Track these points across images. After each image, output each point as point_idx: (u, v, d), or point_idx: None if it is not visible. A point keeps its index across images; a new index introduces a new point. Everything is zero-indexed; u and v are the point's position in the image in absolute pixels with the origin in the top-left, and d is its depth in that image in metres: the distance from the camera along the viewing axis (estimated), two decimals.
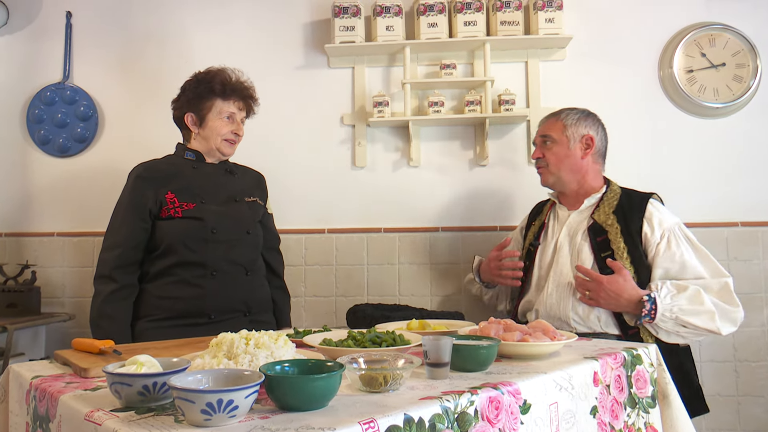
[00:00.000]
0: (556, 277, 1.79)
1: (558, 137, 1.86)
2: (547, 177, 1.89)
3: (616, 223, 1.76)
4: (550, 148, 1.87)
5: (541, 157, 1.89)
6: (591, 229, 1.78)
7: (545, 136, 1.89)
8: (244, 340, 1.06)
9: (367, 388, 0.96)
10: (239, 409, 0.79)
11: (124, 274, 1.73)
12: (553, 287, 1.78)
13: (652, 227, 1.74)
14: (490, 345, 1.13)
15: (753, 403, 2.31)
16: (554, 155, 1.85)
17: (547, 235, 1.89)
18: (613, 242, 1.73)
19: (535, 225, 1.96)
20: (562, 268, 1.78)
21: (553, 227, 1.90)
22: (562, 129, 1.87)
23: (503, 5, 2.35)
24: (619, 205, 1.80)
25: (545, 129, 1.91)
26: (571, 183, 1.87)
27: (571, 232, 1.83)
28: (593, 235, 1.77)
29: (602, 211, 1.80)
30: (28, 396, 1.10)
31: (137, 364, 0.91)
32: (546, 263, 1.84)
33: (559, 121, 1.88)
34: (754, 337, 2.33)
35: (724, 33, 2.37)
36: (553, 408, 1.07)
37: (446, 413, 0.89)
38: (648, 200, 1.80)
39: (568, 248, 1.80)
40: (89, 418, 0.85)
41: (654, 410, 1.31)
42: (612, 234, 1.75)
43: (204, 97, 1.84)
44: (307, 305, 2.44)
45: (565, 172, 1.85)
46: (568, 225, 1.84)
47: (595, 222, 1.79)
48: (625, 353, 1.30)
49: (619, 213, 1.78)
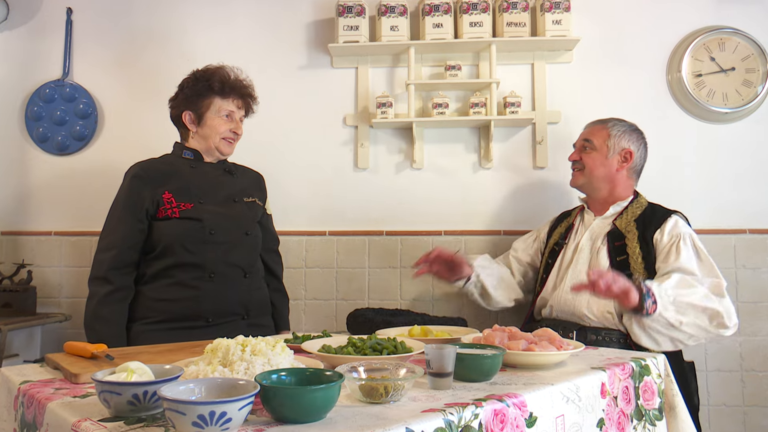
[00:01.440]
0: (573, 276, 1.84)
1: (599, 145, 1.91)
2: (578, 179, 1.94)
3: (635, 230, 1.82)
4: (589, 153, 1.92)
5: (578, 159, 1.94)
6: (610, 234, 1.84)
7: (587, 140, 1.94)
8: (241, 347, 1.02)
9: (367, 399, 0.92)
10: (233, 422, 0.75)
11: (119, 276, 1.69)
12: (569, 285, 1.82)
13: (663, 233, 1.79)
14: (495, 354, 1.09)
15: (760, 413, 2.27)
16: (592, 160, 1.91)
17: (572, 237, 1.95)
18: (629, 247, 1.78)
19: (562, 226, 2.02)
20: (580, 268, 1.84)
21: (578, 230, 1.96)
22: (605, 138, 1.91)
23: (510, 6, 2.32)
24: (642, 214, 1.86)
25: (589, 134, 1.95)
26: (601, 190, 1.93)
27: (593, 236, 1.89)
28: (611, 240, 1.83)
29: (625, 218, 1.87)
30: (16, 402, 1.07)
31: (128, 371, 0.87)
32: (566, 263, 1.90)
33: (605, 130, 1.93)
34: (762, 346, 2.28)
35: (734, 37, 2.33)
36: (559, 420, 1.04)
37: (449, 427, 0.85)
38: (671, 214, 1.84)
39: (588, 251, 1.86)
40: (76, 428, 0.81)
41: (660, 423, 1.27)
42: (629, 239, 1.81)
43: (202, 95, 1.81)
44: (307, 308, 2.41)
45: (597, 179, 1.91)
46: (591, 229, 1.90)
47: (616, 227, 1.85)
48: (633, 363, 1.26)
49: (639, 222, 1.83)
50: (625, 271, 1.74)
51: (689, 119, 2.38)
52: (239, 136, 1.89)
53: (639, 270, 1.74)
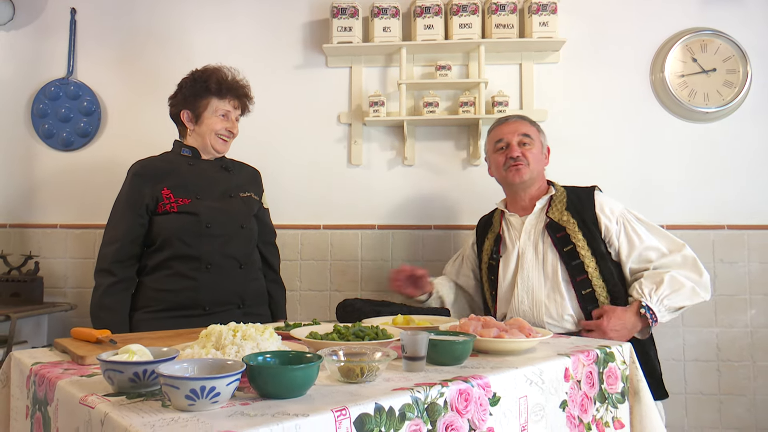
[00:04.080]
0: (524, 283, 1.84)
1: (536, 139, 1.94)
2: (525, 174, 1.89)
3: (572, 219, 1.84)
4: (530, 149, 1.91)
5: (521, 155, 1.90)
6: (548, 227, 1.85)
7: (527, 135, 1.92)
8: (232, 332, 1.12)
9: (344, 378, 1.02)
10: (221, 396, 0.85)
11: (122, 268, 1.80)
12: (523, 294, 1.84)
13: (608, 218, 1.84)
14: (466, 341, 1.19)
15: (735, 402, 2.36)
16: (533, 156, 1.91)
17: (507, 245, 1.93)
18: (573, 237, 1.81)
19: (490, 239, 1.99)
20: (528, 273, 1.84)
21: (510, 237, 1.93)
22: (537, 134, 1.96)
23: (498, 8, 2.40)
24: (569, 201, 1.88)
25: (524, 129, 1.93)
26: (536, 185, 1.94)
27: (531, 237, 1.88)
28: (552, 233, 1.84)
29: (555, 209, 1.88)
30: (28, 381, 1.17)
31: (129, 352, 0.97)
32: (511, 272, 1.88)
33: (534, 126, 1.97)
34: (738, 337, 2.38)
35: (715, 39, 2.41)
36: (522, 401, 1.13)
37: (416, 403, 0.95)
38: (593, 192, 1.90)
39: (532, 252, 1.86)
40: (84, 402, 0.91)
41: (623, 405, 1.36)
42: (570, 229, 1.82)
43: (200, 95, 1.90)
44: (303, 299, 2.51)
45: (538, 174, 1.94)
46: (526, 230, 1.89)
47: (552, 220, 1.86)
48: (599, 351, 1.35)
49: (572, 209, 1.85)
50: (575, 261, 1.80)
51: (671, 118, 2.46)
52: (234, 135, 1.97)
53: (587, 256, 1.78)
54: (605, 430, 1.32)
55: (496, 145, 1.96)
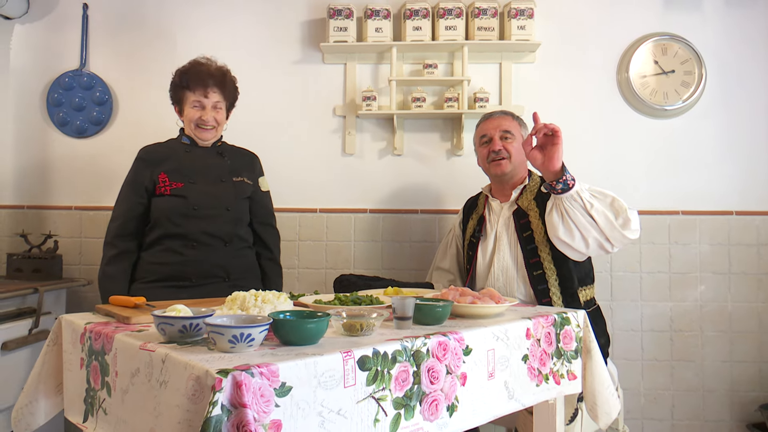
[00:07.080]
0: (500, 263, 2.04)
1: (516, 134, 2.12)
2: (506, 167, 2.06)
3: (535, 207, 2.01)
4: (511, 143, 2.08)
5: (503, 148, 2.07)
6: (515, 213, 2.04)
7: (508, 131, 2.09)
8: (254, 297, 1.37)
9: (347, 332, 1.27)
10: (255, 341, 1.10)
11: (122, 242, 2.04)
12: (499, 272, 2.04)
13: None
14: (445, 305, 1.45)
15: (685, 367, 2.67)
16: (515, 149, 2.08)
17: (486, 228, 2.12)
18: (533, 223, 1.99)
19: (473, 219, 2.18)
20: (504, 255, 2.04)
21: (490, 220, 2.12)
22: (518, 128, 2.14)
23: (480, 12, 2.63)
24: (539, 191, 2.04)
25: (505, 125, 2.10)
26: (518, 176, 2.11)
27: (506, 222, 2.07)
28: (517, 219, 2.03)
29: (525, 197, 2.05)
30: (82, 337, 1.40)
31: (176, 310, 1.21)
32: (489, 253, 2.08)
33: (515, 120, 2.15)
34: (689, 310, 2.68)
35: (674, 43, 2.66)
36: (490, 353, 1.40)
37: (404, 350, 1.20)
38: None
39: (507, 237, 2.05)
40: (144, 347, 1.15)
41: (576, 361, 1.64)
42: (532, 217, 2.00)
43: (178, 91, 2.11)
44: (300, 276, 2.76)
45: (519, 166, 2.11)
46: (503, 216, 2.09)
47: (519, 207, 2.04)
48: (557, 315, 1.62)
49: (538, 199, 2.02)
50: (530, 245, 1.97)
51: (635, 115, 2.73)
52: (217, 123, 2.10)
53: (542, 242, 1.97)
54: (561, 380, 1.60)
55: (481, 140, 2.15)
